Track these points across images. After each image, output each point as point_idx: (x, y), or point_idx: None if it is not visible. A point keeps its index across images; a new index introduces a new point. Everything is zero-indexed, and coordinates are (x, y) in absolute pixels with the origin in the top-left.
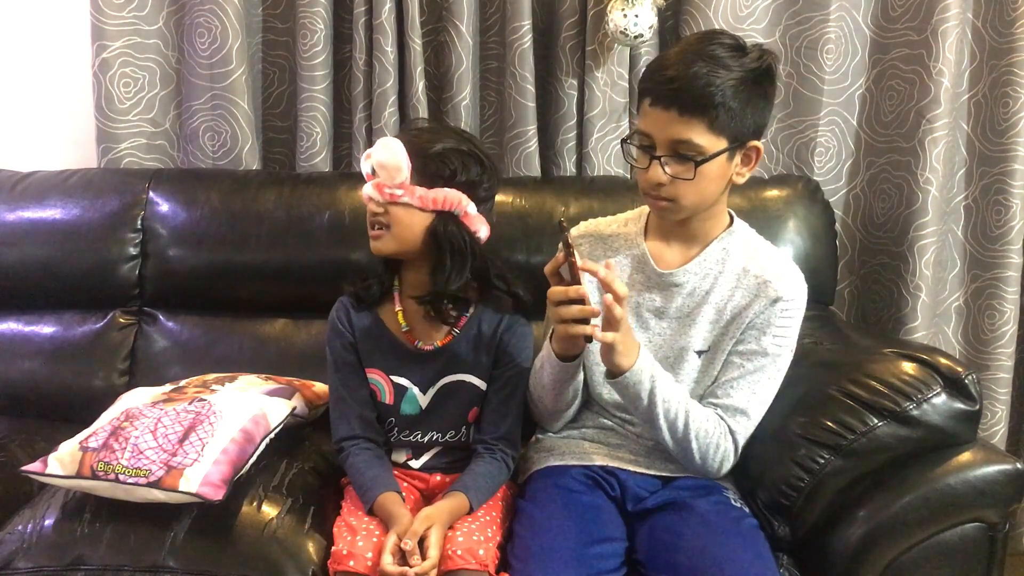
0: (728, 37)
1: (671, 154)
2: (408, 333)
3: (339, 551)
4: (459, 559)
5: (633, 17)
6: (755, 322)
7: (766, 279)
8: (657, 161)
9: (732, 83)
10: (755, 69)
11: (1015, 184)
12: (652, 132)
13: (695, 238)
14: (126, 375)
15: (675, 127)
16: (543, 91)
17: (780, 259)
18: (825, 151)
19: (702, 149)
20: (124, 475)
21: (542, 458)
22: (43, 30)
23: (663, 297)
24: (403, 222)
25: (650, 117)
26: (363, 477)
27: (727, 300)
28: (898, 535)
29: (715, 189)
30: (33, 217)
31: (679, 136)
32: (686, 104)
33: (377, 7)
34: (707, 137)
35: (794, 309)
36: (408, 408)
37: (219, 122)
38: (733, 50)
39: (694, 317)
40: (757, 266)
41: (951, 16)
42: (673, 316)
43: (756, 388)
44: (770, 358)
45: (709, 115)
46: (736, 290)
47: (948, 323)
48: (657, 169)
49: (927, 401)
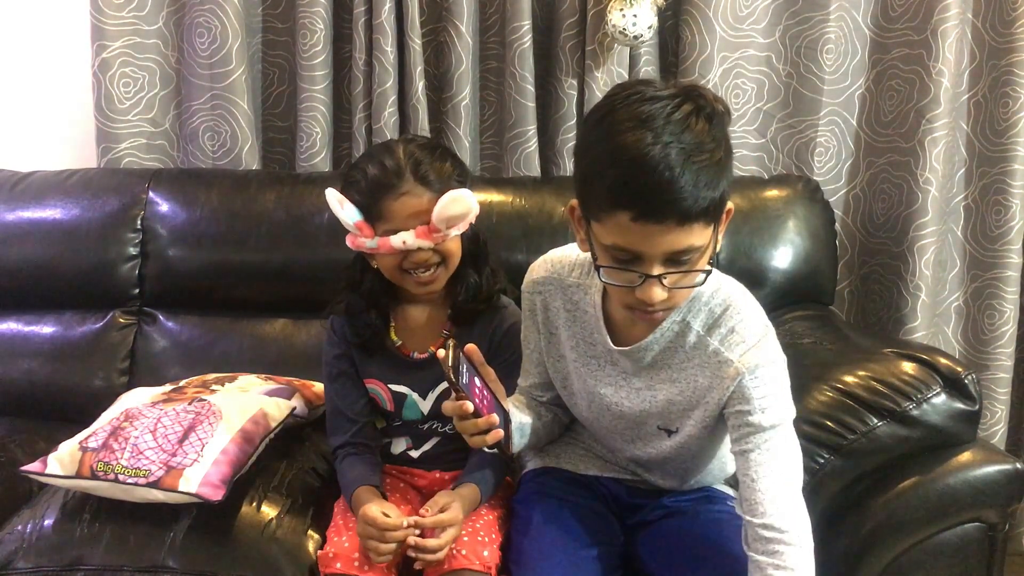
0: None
1: (668, 266)
2: (402, 347)
3: (325, 554)
4: (463, 559)
5: (632, 17)
6: (732, 409)
7: (727, 356)
8: (653, 279)
9: (718, 164)
10: (726, 136)
11: (1015, 184)
12: (641, 248)
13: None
14: (126, 375)
15: (673, 238)
16: (543, 91)
17: (742, 325)
18: (825, 151)
19: (700, 248)
20: (124, 475)
21: (537, 458)
22: (43, 30)
23: (622, 367)
24: (454, 252)
25: (633, 233)
26: (346, 477)
27: (690, 381)
28: (898, 535)
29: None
30: (33, 217)
31: (679, 246)
32: (685, 212)
33: (377, 7)
34: (705, 233)
35: (764, 378)
36: (410, 414)
37: (219, 122)
38: (700, 119)
39: (655, 393)
40: (716, 339)
41: (951, 16)
42: (635, 389)
43: (778, 467)
44: (770, 431)
45: (710, 213)
46: (698, 369)
47: (948, 323)
48: (654, 288)
49: (927, 401)
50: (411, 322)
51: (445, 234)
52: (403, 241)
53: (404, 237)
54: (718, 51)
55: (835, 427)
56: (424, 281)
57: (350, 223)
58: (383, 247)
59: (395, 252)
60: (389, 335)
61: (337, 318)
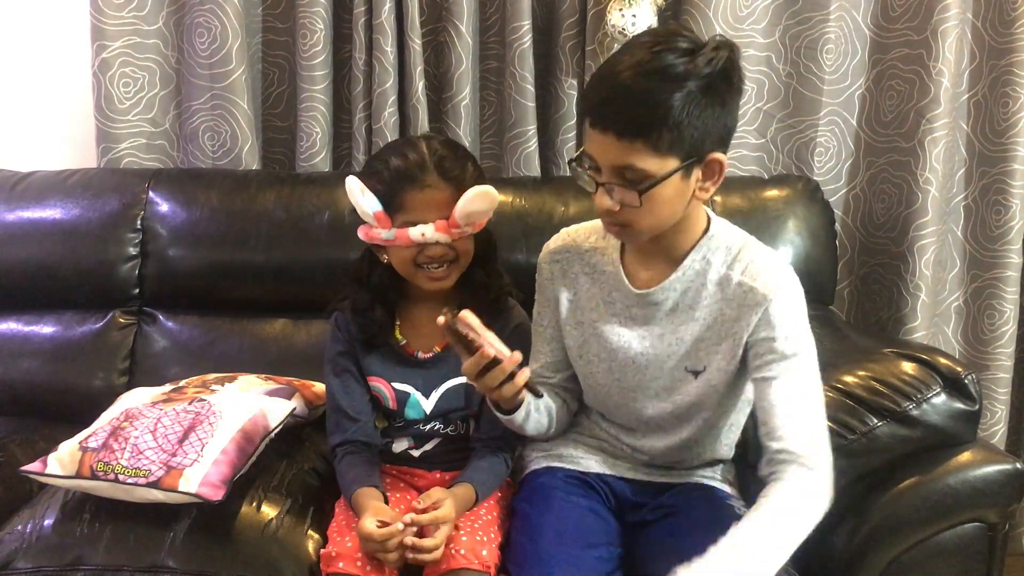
0: (680, 38)
1: (616, 180)
2: (406, 345)
3: (327, 553)
4: (462, 558)
5: (631, 17)
6: (757, 333)
7: (751, 286)
8: (602, 187)
9: (680, 96)
10: (707, 75)
11: (1015, 184)
12: (596, 156)
13: (670, 252)
14: (126, 375)
15: (616, 152)
16: (543, 91)
17: (762, 258)
18: (825, 151)
19: (647, 174)
20: (124, 475)
21: (539, 458)
22: (43, 30)
23: (644, 316)
24: (468, 250)
25: (592, 140)
26: (345, 478)
27: (715, 315)
28: (898, 535)
29: (672, 211)
30: (33, 217)
31: (621, 162)
32: (625, 126)
33: (377, 7)
34: (652, 160)
35: (789, 302)
36: (413, 413)
37: (219, 122)
38: (683, 54)
39: (681, 335)
40: (738, 270)
41: (951, 16)
42: (657, 336)
43: (799, 393)
44: (794, 359)
45: (651, 137)
46: (722, 302)
47: (948, 323)
48: (604, 196)
49: (927, 401)
50: (416, 321)
51: (463, 231)
52: (422, 234)
53: (423, 230)
54: None
55: (835, 427)
56: (436, 277)
57: (369, 212)
58: (400, 239)
59: (412, 244)
60: (394, 333)
61: (341, 315)
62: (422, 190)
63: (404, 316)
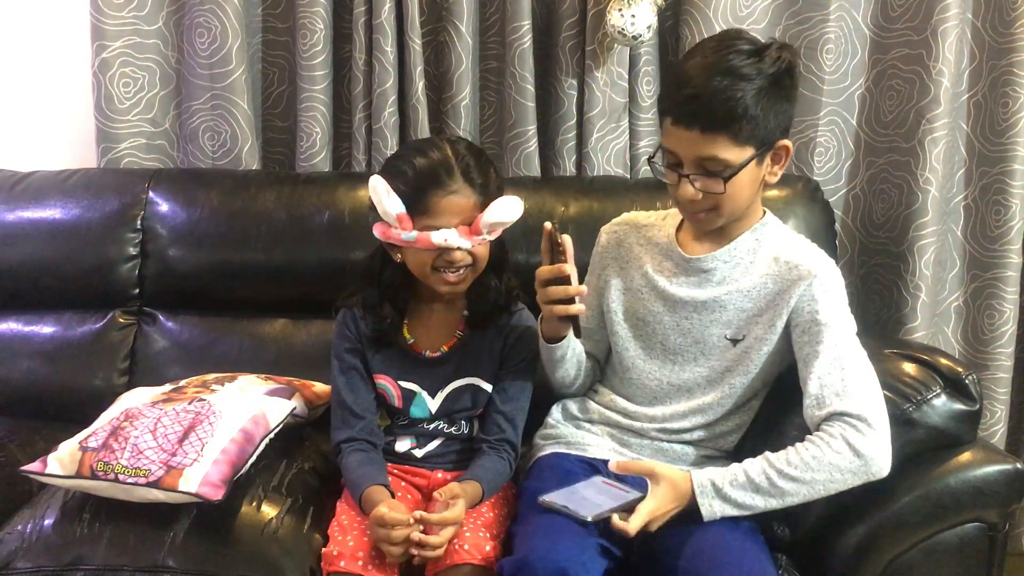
0: (744, 41)
1: (699, 171)
2: (413, 344)
3: (329, 552)
4: (465, 553)
5: (630, 17)
6: (801, 308)
7: (796, 263)
8: (686, 179)
9: (753, 93)
10: (774, 73)
11: (1015, 184)
12: (677, 150)
13: (727, 233)
14: (126, 375)
15: (699, 145)
16: (543, 91)
17: (808, 245)
18: (825, 151)
19: (729, 163)
20: (124, 475)
21: (547, 445)
22: (43, 30)
23: (692, 283)
24: (484, 256)
25: (673, 136)
26: (353, 475)
27: (760, 288)
28: (898, 535)
29: (749, 193)
30: (33, 217)
31: (705, 154)
32: (708, 122)
33: (377, 7)
34: (733, 151)
35: (830, 282)
36: (417, 412)
37: (219, 122)
38: (750, 56)
39: (724, 304)
40: (788, 253)
41: (951, 16)
42: (701, 301)
43: (838, 359)
44: (833, 327)
45: (732, 129)
46: (768, 277)
47: (948, 323)
48: (687, 186)
49: (927, 402)
50: (425, 321)
51: (484, 238)
52: (445, 239)
53: (446, 235)
54: None
55: None
56: (452, 281)
57: (392, 214)
58: (421, 242)
59: (433, 248)
60: (402, 331)
61: (349, 310)
62: (448, 195)
63: (413, 315)
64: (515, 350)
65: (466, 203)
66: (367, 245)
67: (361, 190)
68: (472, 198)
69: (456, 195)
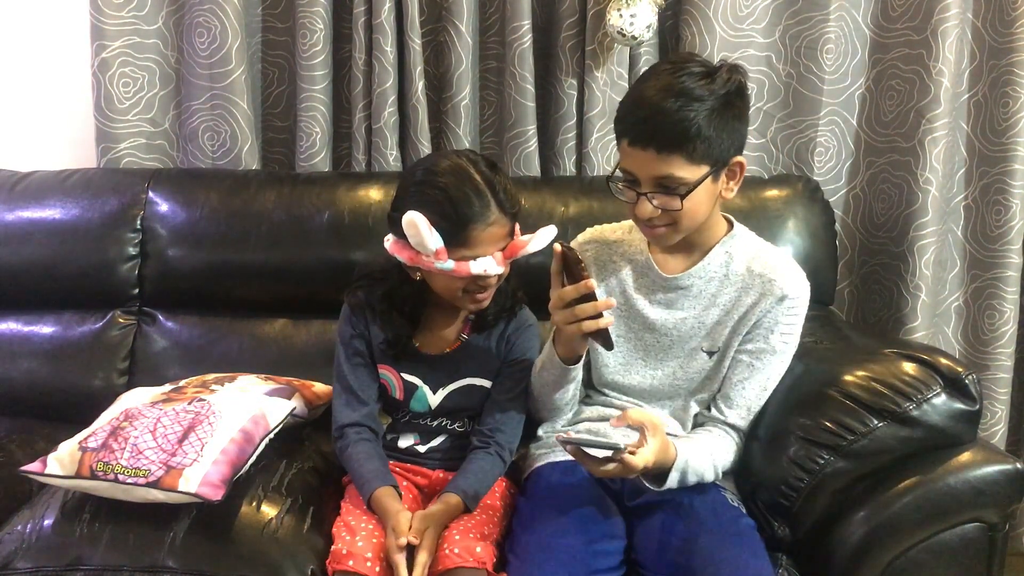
0: (696, 64)
1: (656, 189)
2: (419, 346)
3: (338, 550)
4: (456, 557)
5: (629, 17)
6: (762, 321)
7: (771, 278)
8: (644, 196)
9: (705, 113)
10: (725, 94)
11: (1015, 184)
12: (634, 170)
13: (694, 246)
14: (126, 375)
15: (656, 165)
16: (543, 91)
17: (783, 258)
18: (825, 151)
19: (685, 181)
20: (123, 475)
21: (544, 455)
22: (43, 30)
23: (669, 301)
24: (507, 272)
25: (630, 156)
26: (362, 469)
27: (734, 302)
28: (898, 535)
29: (706, 209)
30: (32, 217)
31: (661, 172)
32: (663, 142)
33: (377, 7)
34: (688, 169)
35: (799, 306)
36: (418, 406)
37: (219, 122)
38: (702, 78)
39: (702, 319)
40: (760, 265)
41: (951, 16)
42: (680, 319)
43: (767, 385)
44: (778, 356)
45: (687, 149)
46: (742, 291)
47: (948, 323)
48: (645, 204)
49: (927, 401)
50: (431, 324)
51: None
52: (484, 268)
53: (485, 265)
54: (718, 51)
55: (835, 428)
56: (481, 299)
57: (431, 249)
58: (461, 271)
59: (470, 276)
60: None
61: (356, 297)
62: (487, 228)
63: (420, 319)
64: (517, 347)
65: (502, 231)
66: (367, 245)
67: (361, 190)
68: (507, 226)
69: (495, 226)
